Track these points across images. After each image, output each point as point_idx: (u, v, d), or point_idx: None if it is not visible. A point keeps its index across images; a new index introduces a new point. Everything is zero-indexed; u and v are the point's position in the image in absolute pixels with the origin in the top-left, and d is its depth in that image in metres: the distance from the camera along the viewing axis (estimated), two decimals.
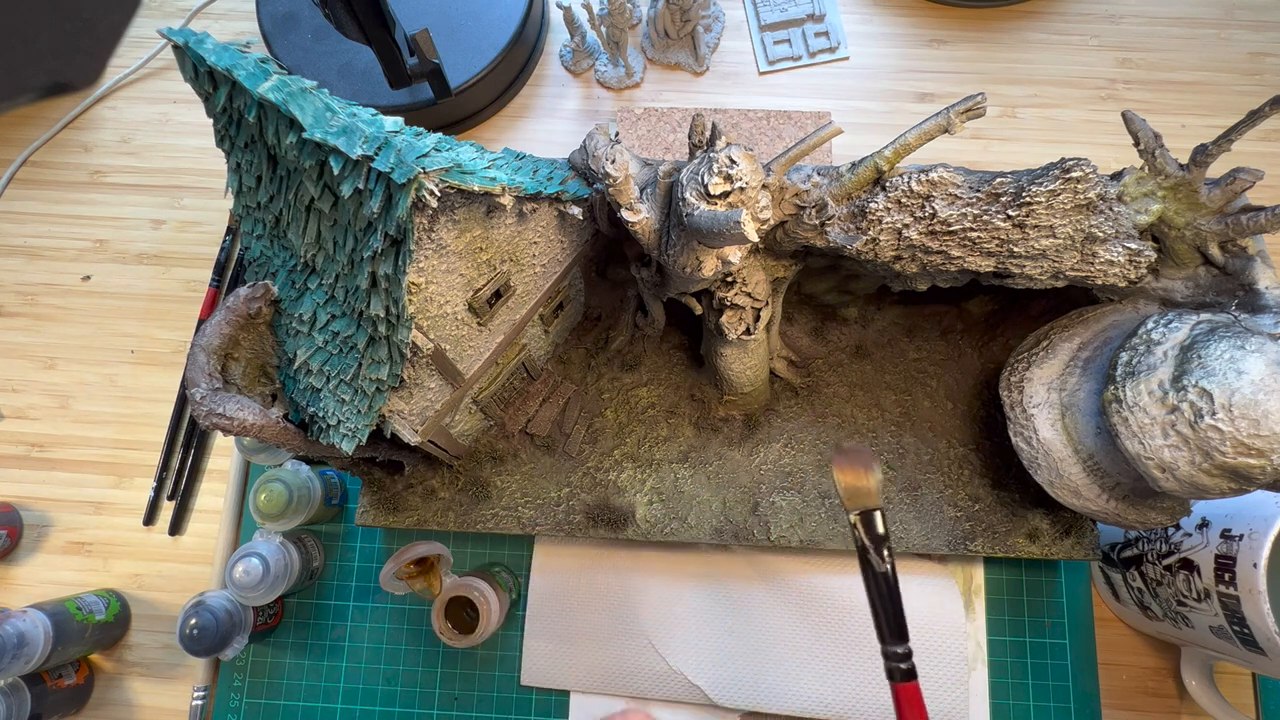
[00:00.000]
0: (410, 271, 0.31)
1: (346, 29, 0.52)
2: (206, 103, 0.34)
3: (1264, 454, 0.32)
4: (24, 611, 0.48)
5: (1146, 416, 0.35)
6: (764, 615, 0.51)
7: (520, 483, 0.50)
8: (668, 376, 0.52)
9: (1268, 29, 0.66)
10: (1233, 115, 0.63)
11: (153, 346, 0.62)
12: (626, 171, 0.37)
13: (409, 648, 0.53)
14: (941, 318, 0.52)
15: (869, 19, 0.69)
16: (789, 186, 0.38)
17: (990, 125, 0.65)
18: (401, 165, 0.28)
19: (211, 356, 0.36)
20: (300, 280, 0.37)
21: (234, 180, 0.38)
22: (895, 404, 0.51)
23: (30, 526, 0.57)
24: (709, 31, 0.68)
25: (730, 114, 0.66)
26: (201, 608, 0.47)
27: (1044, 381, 0.42)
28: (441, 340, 0.37)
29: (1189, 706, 0.49)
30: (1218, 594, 0.41)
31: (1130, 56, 0.66)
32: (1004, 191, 0.36)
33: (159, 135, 0.68)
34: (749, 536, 0.48)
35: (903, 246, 0.38)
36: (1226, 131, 0.36)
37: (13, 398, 0.61)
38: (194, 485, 0.58)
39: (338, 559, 0.55)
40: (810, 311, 0.52)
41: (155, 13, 0.73)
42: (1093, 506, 0.41)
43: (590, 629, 0.52)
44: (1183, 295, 0.40)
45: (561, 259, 0.43)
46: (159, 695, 0.54)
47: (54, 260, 0.65)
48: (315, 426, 0.39)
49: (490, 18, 0.64)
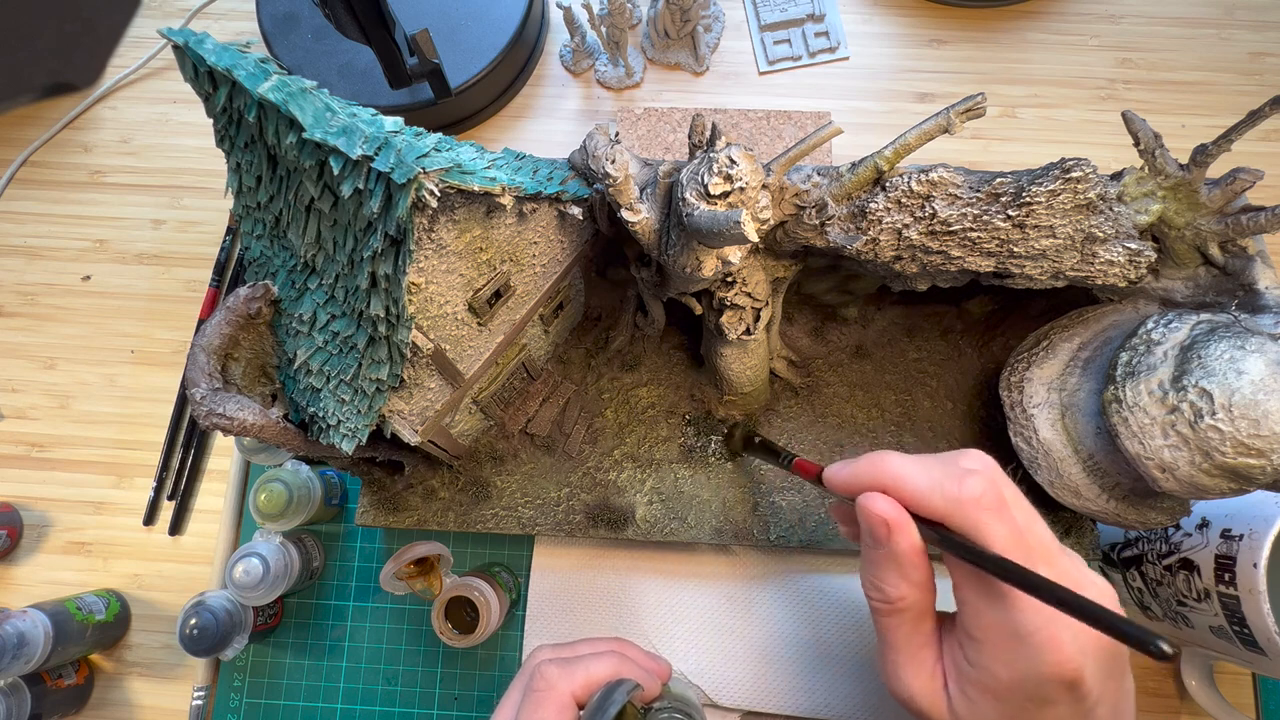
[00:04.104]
0: (410, 271, 0.31)
1: (346, 29, 0.52)
2: (206, 103, 0.34)
3: (1264, 454, 0.32)
4: (24, 611, 0.48)
5: (1146, 417, 0.35)
6: (764, 615, 0.51)
7: (520, 483, 0.50)
8: (668, 376, 0.52)
9: (1268, 29, 0.66)
10: (1233, 115, 0.63)
11: (153, 346, 0.62)
12: (626, 171, 0.37)
13: (409, 648, 0.53)
14: (941, 318, 0.52)
15: (869, 19, 0.69)
16: (789, 186, 0.38)
17: (990, 125, 0.65)
18: (401, 165, 0.28)
19: (211, 356, 0.36)
20: (300, 280, 0.37)
21: (234, 180, 0.38)
22: (895, 404, 0.51)
23: (30, 526, 0.57)
24: (709, 31, 0.68)
25: (730, 114, 0.66)
26: (201, 608, 0.47)
27: (1044, 381, 0.42)
28: (441, 340, 0.37)
29: (1189, 706, 0.49)
30: (1218, 594, 0.41)
31: (1130, 56, 0.66)
32: (1004, 191, 0.36)
33: (159, 135, 0.68)
34: (749, 536, 0.48)
35: (903, 246, 0.38)
36: (1226, 131, 0.36)
37: (13, 398, 0.61)
38: (194, 485, 0.58)
39: (338, 559, 0.55)
40: (810, 311, 0.52)
41: (155, 13, 0.73)
42: (1093, 506, 0.41)
43: (590, 629, 0.52)
44: (1183, 295, 0.40)
45: (561, 259, 0.43)
46: (159, 695, 0.54)
47: (54, 260, 0.65)
48: (315, 426, 0.39)
49: (490, 18, 0.64)
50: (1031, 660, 0.26)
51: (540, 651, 0.34)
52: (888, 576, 0.29)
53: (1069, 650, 0.25)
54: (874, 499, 0.29)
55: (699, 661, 0.50)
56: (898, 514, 0.28)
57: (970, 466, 0.28)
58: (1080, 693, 0.26)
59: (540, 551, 0.54)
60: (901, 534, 0.28)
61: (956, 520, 0.27)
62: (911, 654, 0.29)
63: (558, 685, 0.31)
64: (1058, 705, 0.26)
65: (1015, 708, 0.27)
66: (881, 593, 0.29)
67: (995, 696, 0.27)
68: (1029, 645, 0.26)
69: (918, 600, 0.29)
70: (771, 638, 0.50)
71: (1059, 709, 0.26)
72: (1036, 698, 0.26)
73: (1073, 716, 0.26)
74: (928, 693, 0.29)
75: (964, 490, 0.27)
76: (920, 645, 0.30)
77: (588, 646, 0.34)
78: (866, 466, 0.30)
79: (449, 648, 0.52)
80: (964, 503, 0.27)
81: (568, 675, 0.31)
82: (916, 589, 0.29)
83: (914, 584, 0.29)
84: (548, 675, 0.31)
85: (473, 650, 0.53)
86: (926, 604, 0.29)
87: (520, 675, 0.33)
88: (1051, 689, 0.26)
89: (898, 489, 0.29)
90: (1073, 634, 0.26)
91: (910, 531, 0.28)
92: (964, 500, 0.27)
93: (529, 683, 0.31)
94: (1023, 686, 0.26)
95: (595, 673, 0.31)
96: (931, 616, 0.30)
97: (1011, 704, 0.27)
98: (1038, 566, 0.26)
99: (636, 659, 0.34)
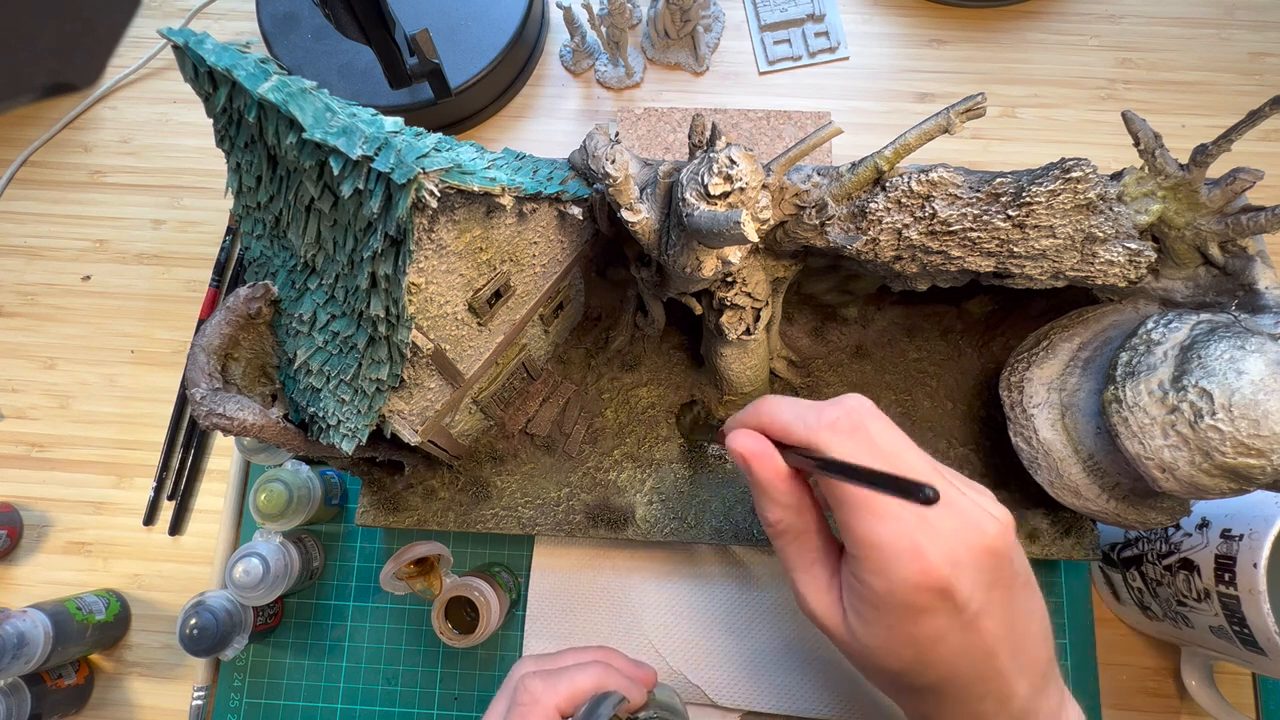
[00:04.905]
0: (410, 272, 0.31)
1: (346, 29, 0.52)
2: (206, 103, 0.34)
3: (1264, 454, 0.32)
4: (24, 611, 0.48)
5: (1146, 417, 0.35)
6: (764, 615, 0.51)
7: (520, 483, 0.50)
8: (668, 376, 0.52)
9: (1268, 29, 0.66)
10: (1233, 115, 0.63)
11: (153, 346, 0.62)
12: (626, 171, 0.37)
13: (409, 648, 0.53)
14: (941, 318, 0.52)
15: (869, 19, 0.69)
16: (789, 186, 0.38)
17: (990, 125, 0.65)
18: (401, 165, 0.28)
19: (211, 356, 0.36)
20: (300, 280, 0.37)
21: (234, 180, 0.38)
22: (895, 404, 0.51)
23: (30, 526, 0.57)
24: (709, 31, 0.68)
25: (730, 114, 0.66)
26: (201, 608, 0.47)
27: (1044, 381, 0.42)
28: (441, 340, 0.37)
29: (1189, 706, 0.49)
30: (1218, 594, 0.41)
31: (1130, 56, 0.66)
32: (1004, 191, 0.36)
33: (159, 135, 0.68)
34: (749, 536, 0.48)
35: (903, 246, 0.38)
36: (1226, 131, 0.36)
37: (13, 398, 0.61)
38: (194, 485, 0.58)
39: (338, 559, 0.55)
40: (810, 311, 0.52)
41: (155, 13, 0.73)
42: (1093, 506, 0.41)
43: (590, 629, 0.52)
44: (1183, 295, 0.40)
45: (561, 259, 0.43)
46: (159, 695, 0.54)
47: (54, 260, 0.65)
48: (315, 426, 0.39)
49: (490, 18, 0.64)
50: (897, 569, 0.27)
51: (523, 664, 0.34)
52: (762, 502, 0.31)
53: (933, 559, 0.26)
54: (736, 435, 0.31)
55: (699, 661, 0.50)
56: (754, 443, 0.31)
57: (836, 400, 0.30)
58: (955, 602, 0.27)
59: (540, 551, 0.54)
60: (760, 461, 0.30)
61: (813, 444, 0.29)
62: (804, 571, 0.32)
63: (542, 699, 0.31)
64: (935, 614, 0.27)
65: (896, 618, 0.28)
66: (764, 519, 0.32)
67: (876, 608, 0.28)
68: (891, 554, 0.27)
69: (794, 522, 0.31)
70: (771, 638, 0.50)
71: (938, 619, 0.27)
72: (912, 606, 0.27)
73: (954, 627, 0.27)
74: (824, 607, 0.31)
75: (821, 418, 0.29)
76: (810, 563, 0.31)
77: (572, 657, 0.35)
78: (748, 413, 0.33)
79: (449, 648, 0.52)
80: (819, 429, 0.29)
81: (552, 688, 0.31)
82: (790, 511, 0.31)
83: (785, 507, 0.31)
84: (532, 689, 0.31)
85: (473, 650, 0.53)
86: (805, 524, 0.31)
87: (504, 689, 0.33)
88: (923, 597, 0.27)
89: (770, 426, 0.31)
90: (937, 543, 0.27)
91: (768, 458, 0.30)
92: (819, 426, 0.29)
93: (513, 696, 0.32)
94: (896, 595, 0.27)
95: (580, 684, 0.32)
96: (815, 536, 0.32)
97: (891, 614, 0.28)
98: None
99: (622, 668, 0.35)
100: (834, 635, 0.31)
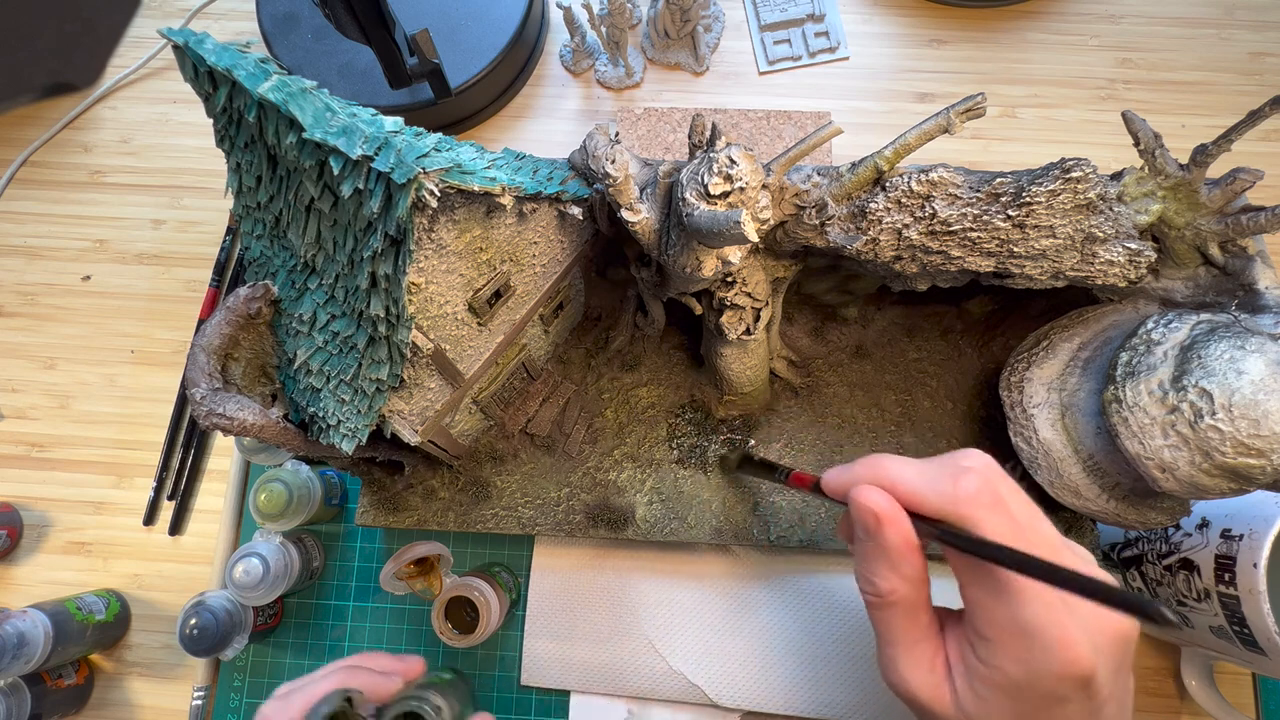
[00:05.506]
0: (410, 271, 0.31)
1: (346, 29, 0.52)
2: (206, 103, 0.34)
3: (1264, 454, 0.32)
4: (24, 611, 0.48)
5: (1146, 417, 0.35)
6: (764, 615, 0.51)
7: (520, 483, 0.50)
8: (668, 376, 0.52)
9: (1268, 29, 0.66)
10: (1233, 115, 0.63)
11: (153, 346, 0.62)
12: (626, 171, 0.37)
13: (409, 648, 0.53)
14: (941, 318, 0.52)
15: (869, 19, 0.69)
16: (789, 186, 0.38)
17: (990, 125, 0.65)
18: (401, 165, 0.28)
19: (211, 356, 0.36)
20: (300, 280, 0.37)
21: (234, 180, 0.38)
22: (895, 404, 0.51)
23: (30, 526, 0.57)
24: (709, 31, 0.68)
25: (730, 114, 0.66)
26: (201, 608, 0.47)
27: (1044, 381, 0.42)
28: (441, 340, 0.37)
29: (1189, 706, 0.49)
30: (1218, 594, 0.41)
31: (1130, 56, 0.66)
32: (1004, 191, 0.36)
33: (159, 135, 0.68)
34: (749, 536, 0.48)
35: (903, 246, 0.38)
36: (1226, 131, 0.36)
37: (13, 398, 0.61)
38: (194, 485, 0.58)
39: (338, 559, 0.55)
40: (810, 311, 0.52)
41: (155, 13, 0.73)
42: (1093, 506, 0.41)
43: (590, 629, 0.52)
44: (1183, 295, 0.40)
45: (561, 259, 0.43)
46: (159, 695, 0.54)
47: (54, 260, 0.65)
48: (315, 426, 0.39)
49: (490, 18, 0.64)
50: (1043, 658, 0.25)
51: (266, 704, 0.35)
52: (879, 569, 0.29)
53: (1082, 648, 0.25)
54: (865, 490, 0.29)
55: (699, 661, 0.50)
56: (889, 505, 0.28)
57: (967, 465, 0.28)
58: (1092, 690, 0.26)
59: (540, 551, 0.54)
60: (891, 526, 0.28)
61: (952, 517, 0.27)
62: (908, 648, 0.29)
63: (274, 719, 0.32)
64: (1070, 703, 0.26)
65: (1029, 705, 0.26)
66: (874, 586, 0.29)
67: (1007, 694, 0.27)
68: (1040, 642, 0.25)
69: (909, 594, 0.29)
70: (771, 638, 0.50)
71: (1071, 707, 0.26)
72: (1050, 696, 0.26)
73: (1083, 714, 0.26)
74: (927, 686, 0.29)
75: (959, 488, 0.27)
76: (916, 639, 0.29)
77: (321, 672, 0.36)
78: (862, 469, 0.30)
79: (449, 648, 0.52)
80: (959, 500, 0.27)
81: (284, 708, 0.32)
82: (907, 583, 0.29)
83: (904, 578, 0.29)
84: (265, 713, 0.33)
85: (473, 650, 0.53)
86: (919, 598, 0.29)
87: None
88: (1064, 687, 0.25)
89: (893, 489, 0.29)
90: (1085, 631, 0.25)
91: (901, 524, 0.28)
92: (959, 497, 0.27)
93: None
94: (1036, 685, 0.26)
95: (315, 695, 0.32)
96: (926, 610, 0.30)
97: (1025, 702, 0.26)
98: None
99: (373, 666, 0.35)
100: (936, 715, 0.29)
